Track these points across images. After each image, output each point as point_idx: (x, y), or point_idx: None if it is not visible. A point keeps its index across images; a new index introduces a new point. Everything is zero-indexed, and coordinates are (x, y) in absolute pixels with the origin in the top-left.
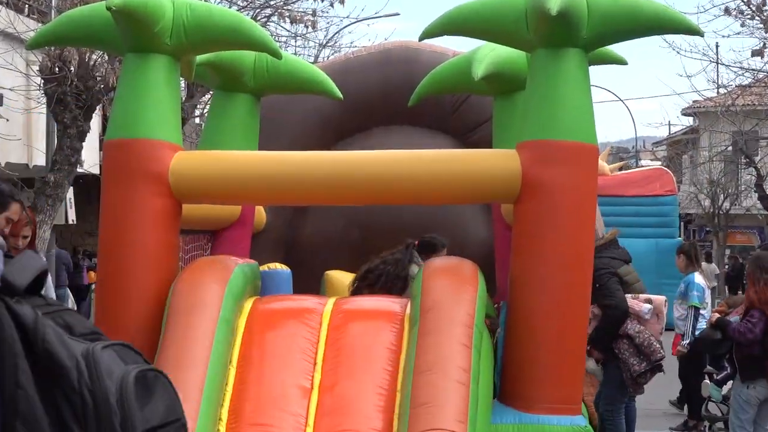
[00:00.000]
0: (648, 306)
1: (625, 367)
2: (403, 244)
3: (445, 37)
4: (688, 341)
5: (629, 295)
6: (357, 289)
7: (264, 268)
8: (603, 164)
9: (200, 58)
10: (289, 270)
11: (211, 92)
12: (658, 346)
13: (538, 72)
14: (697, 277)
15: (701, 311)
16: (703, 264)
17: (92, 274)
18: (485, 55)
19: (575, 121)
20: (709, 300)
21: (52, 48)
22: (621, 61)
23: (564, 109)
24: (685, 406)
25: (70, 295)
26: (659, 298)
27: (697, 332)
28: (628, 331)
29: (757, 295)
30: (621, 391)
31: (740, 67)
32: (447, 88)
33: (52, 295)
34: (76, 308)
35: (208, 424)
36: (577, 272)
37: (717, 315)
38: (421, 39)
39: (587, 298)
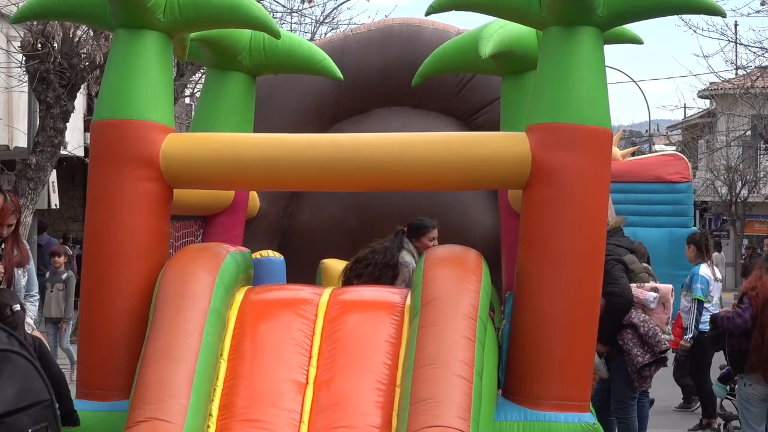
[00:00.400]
0: (653, 294)
1: (628, 358)
2: (393, 231)
3: (452, 13)
4: (690, 335)
5: (634, 284)
6: (347, 280)
7: (256, 255)
8: (614, 149)
9: (194, 34)
10: (282, 257)
11: (202, 71)
12: (663, 337)
13: (550, 51)
14: (703, 269)
15: (705, 305)
16: (714, 254)
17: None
18: (493, 32)
19: (588, 103)
20: (716, 293)
21: (35, 23)
22: (637, 40)
23: (577, 91)
24: (685, 402)
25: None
26: (666, 287)
27: (700, 326)
28: (632, 320)
29: (750, 284)
30: (630, 386)
31: (760, 47)
32: (452, 68)
33: (35, 283)
34: None
35: (197, 420)
36: (588, 263)
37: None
38: (427, 14)
39: (598, 290)
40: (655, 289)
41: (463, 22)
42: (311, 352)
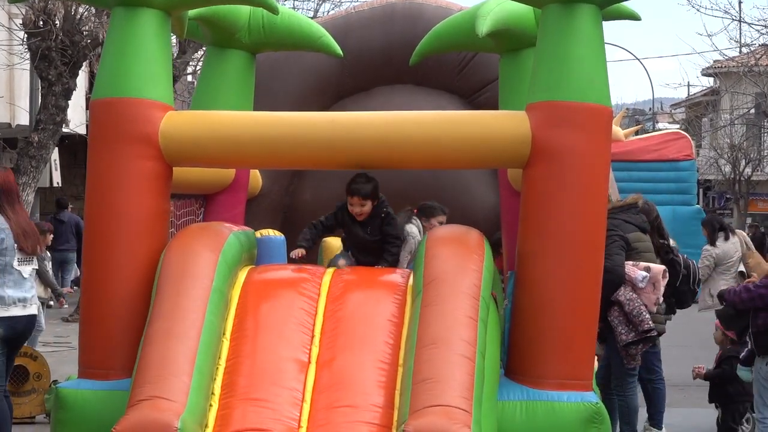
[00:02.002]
0: (643, 274)
1: (614, 335)
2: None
3: None
4: None
5: (629, 262)
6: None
7: (257, 234)
8: (617, 129)
9: (192, 12)
10: (282, 236)
11: (203, 48)
12: (647, 316)
13: (550, 29)
14: None
15: None
16: None
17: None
18: (490, 10)
19: (588, 81)
20: None
21: (36, 0)
22: (634, 17)
23: (577, 69)
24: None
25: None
26: (658, 268)
27: None
28: (619, 298)
29: None
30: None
31: (764, 26)
32: (450, 46)
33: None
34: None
35: (200, 399)
36: (589, 242)
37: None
38: None
39: (599, 269)
40: (648, 269)
41: (466, 1)
42: (313, 331)
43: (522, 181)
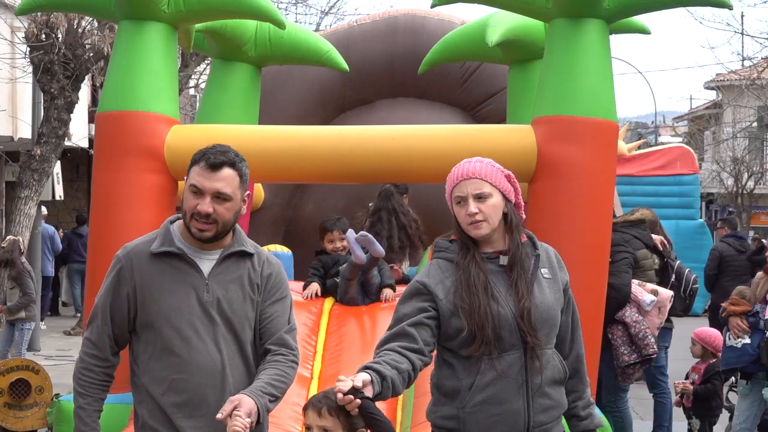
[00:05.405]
0: (651, 297)
1: (615, 354)
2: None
3: (458, 5)
4: None
5: (636, 281)
6: None
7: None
8: (620, 143)
9: (199, 25)
10: (290, 252)
11: (207, 61)
12: (652, 340)
13: (557, 43)
14: None
15: None
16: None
17: None
18: (500, 20)
19: (594, 96)
20: None
21: (39, 13)
22: (644, 30)
23: (583, 84)
24: None
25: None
26: (665, 293)
27: None
28: (625, 318)
29: None
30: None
31: (767, 38)
32: (459, 56)
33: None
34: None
35: None
36: (594, 257)
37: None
38: (433, 6)
39: (603, 284)
40: (655, 292)
41: (469, 15)
42: (316, 348)
43: (527, 194)
